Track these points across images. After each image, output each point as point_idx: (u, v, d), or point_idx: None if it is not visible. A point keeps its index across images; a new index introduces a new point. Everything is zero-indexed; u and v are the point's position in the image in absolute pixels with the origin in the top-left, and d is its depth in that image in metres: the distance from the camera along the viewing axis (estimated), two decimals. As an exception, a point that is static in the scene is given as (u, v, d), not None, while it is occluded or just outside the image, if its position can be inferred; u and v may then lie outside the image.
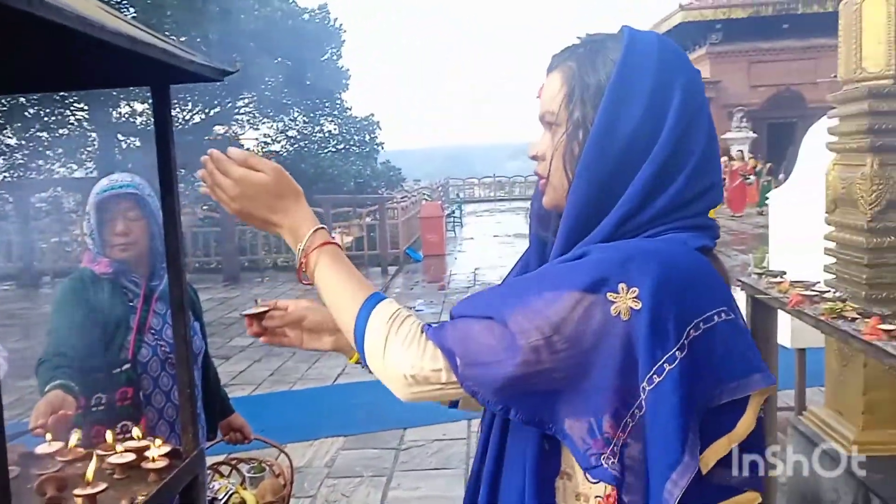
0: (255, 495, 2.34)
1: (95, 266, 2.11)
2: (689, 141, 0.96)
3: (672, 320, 0.85)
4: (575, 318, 0.87)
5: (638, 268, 0.87)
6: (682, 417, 0.84)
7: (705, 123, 0.98)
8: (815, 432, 3.17)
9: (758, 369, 0.90)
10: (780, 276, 2.69)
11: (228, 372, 6.54)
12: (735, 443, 0.89)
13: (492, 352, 0.90)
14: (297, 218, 1.08)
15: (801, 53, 24.54)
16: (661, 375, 0.84)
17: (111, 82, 1.78)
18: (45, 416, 1.64)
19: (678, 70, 0.98)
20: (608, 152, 0.95)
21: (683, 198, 0.95)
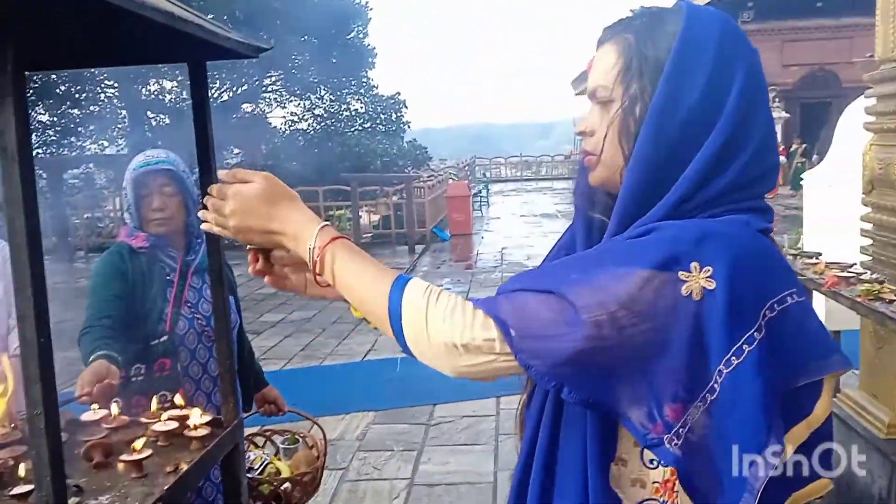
0: (290, 466, 2.38)
1: (133, 240, 2.15)
2: (751, 122, 0.93)
3: (749, 301, 0.83)
4: (644, 295, 0.83)
5: (713, 246, 0.84)
6: (766, 399, 0.81)
7: (765, 105, 0.96)
8: (850, 415, 3.14)
9: (836, 350, 0.88)
10: (816, 258, 2.66)
11: (259, 347, 6.63)
12: (814, 427, 0.87)
13: (551, 325, 0.86)
14: (297, 221, 1.02)
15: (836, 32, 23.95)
16: (739, 357, 0.81)
17: (150, 59, 1.81)
18: (90, 385, 1.68)
19: (740, 48, 0.95)
20: (668, 129, 0.92)
21: (744, 179, 0.92)
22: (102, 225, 15.07)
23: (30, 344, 1.03)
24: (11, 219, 1.00)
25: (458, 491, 3.71)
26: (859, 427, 3.03)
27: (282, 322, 7.75)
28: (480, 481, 3.78)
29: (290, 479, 2.28)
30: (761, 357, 0.82)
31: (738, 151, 0.92)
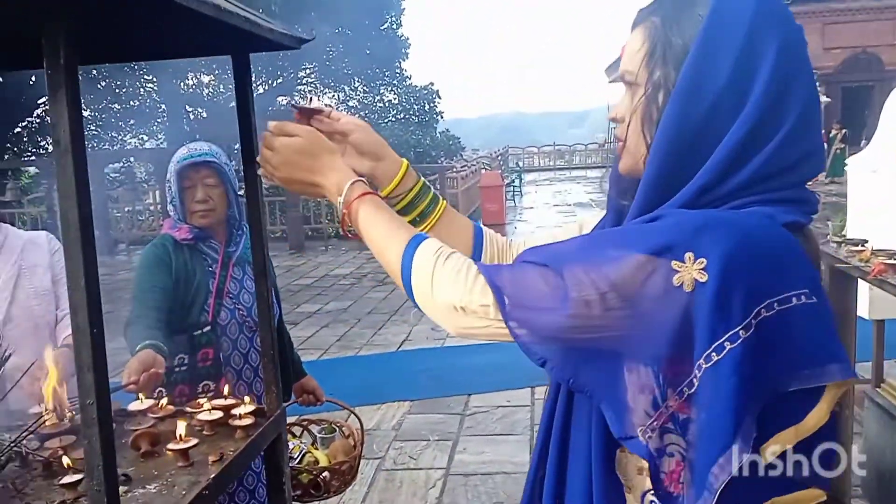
0: (327, 455, 2.41)
1: (176, 232, 2.19)
2: (782, 107, 0.87)
3: (740, 297, 0.79)
4: (635, 280, 0.81)
5: (710, 238, 0.80)
6: (739, 400, 0.78)
7: (803, 88, 0.90)
8: (893, 405, 3.08)
9: (836, 360, 0.82)
10: (862, 245, 2.60)
11: (296, 337, 6.65)
12: (803, 435, 0.82)
13: (542, 298, 0.87)
14: (335, 174, 1.09)
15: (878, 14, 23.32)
16: (720, 354, 0.78)
17: (195, 52, 1.82)
18: (137, 374, 1.72)
19: (774, 28, 0.89)
20: (690, 116, 0.88)
21: (772, 168, 0.88)
22: (143, 218, 15.35)
23: (83, 333, 1.05)
24: (65, 210, 1.02)
25: (494, 481, 3.72)
26: (906, 419, 2.96)
27: (318, 313, 7.82)
28: (516, 471, 3.78)
29: (329, 468, 2.30)
30: (743, 356, 0.78)
31: (764, 140, 0.87)
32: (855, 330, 2.71)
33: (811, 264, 0.87)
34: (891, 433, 3.04)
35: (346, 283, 9.54)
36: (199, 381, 2.15)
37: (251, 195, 1.67)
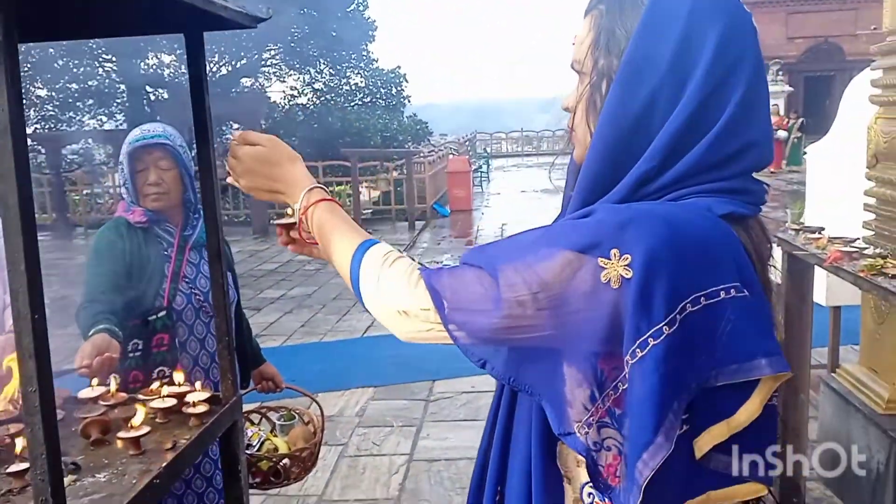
0: (287, 442, 2.39)
1: (130, 215, 2.14)
2: (722, 96, 0.86)
3: (662, 292, 0.78)
4: (563, 278, 0.81)
5: (635, 233, 0.79)
6: (661, 396, 0.78)
7: (744, 77, 0.87)
8: (849, 390, 3.15)
9: (766, 354, 0.81)
10: (819, 233, 2.64)
11: (259, 323, 6.64)
12: (735, 430, 0.82)
13: (478, 300, 0.87)
14: (294, 181, 1.12)
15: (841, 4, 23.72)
16: (644, 350, 0.78)
17: (146, 29, 1.77)
18: (90, 358, 1.68)
19: (716, 15, 0.87)
20: (629, 106, 0.87)
21: (712, 158, 0.86)
22: (102, 201, 15.04)
23: (23, 319, 1.01)
24: (4, 193, 0.98)
25: (457, 466, 3.73)
26: (858, 402, 3.03)
27: (282, 298, 7.75)
28: (480, 456, 3.80)
29: (289, 455, 2.29)
30: (666, 353, 0.78)
31: (703, 130, 0.86)
32: (812, 316, 2.76)
33: (746, 257, 0.86)
34: (845, 417, 3.11)
35: (310, 268, 9.46)
36: (153, 367, 2.10)
37: (205, 177, 1.63)
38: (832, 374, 3.39)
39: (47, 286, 1.05)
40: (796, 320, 2.70)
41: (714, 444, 0.82)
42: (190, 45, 1.57)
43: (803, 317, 2.71)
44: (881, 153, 2.97)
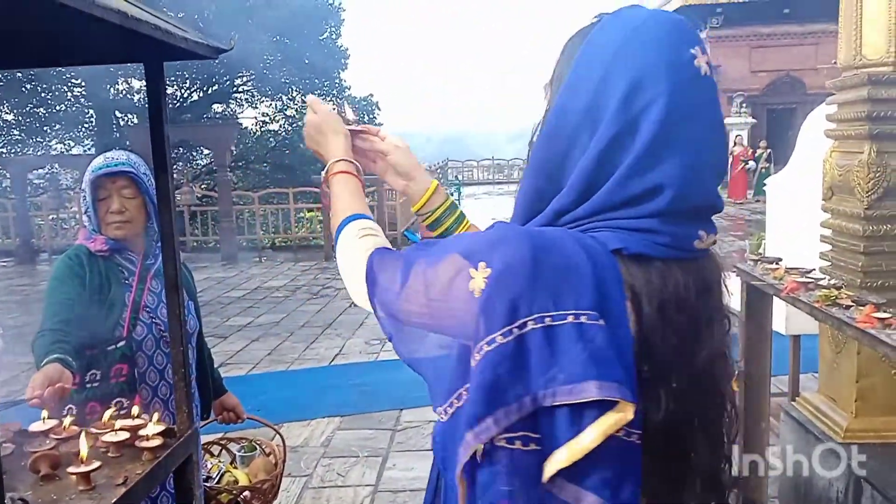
0: (247, 474, 2.35)
1: (91, 243, 2.11)
2: (628, 139, 0.89)
3: (505, 305, 0.84)
4: (447, 279, 0.91)
5: (501, 249, 0.87)
6: (482, 397, 0.84)
7: (653, 122, 0.89)
8: (808, 419, 3.19)
9: (598, 377, 0.82)
10: (776, 263, 2.69)
11: (226, 351, 6.55)
12: (576, 457, 0.82)
13: (392, 283, 0.99)
14: (330, 151, 1.30)
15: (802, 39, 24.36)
16: (480, 353, 0.85)
17: (106, 58, 1.77)
18: (42, 388, 1.64)
19: (630, 61, 0.90)
20: (552, 145, 0.95)
21: (616, 198, 0.90)
22: (67, 227, 14.81)
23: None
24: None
25: (423, 497, 3.68)
26: (816, 430, 3.07)
27: (249, 326, 7.67)
28: (446, 486, 3.77)
29: (250, 488, 2.25)
30: (494, 360, 0.84)
31: (610, 169, 0.90)
32: (771, 344, 2.80)
33: (620, 290, 0.88)
34: (805, 445, 3.14)
35: (279, 295, 9.39)
36: (111, 398, 2.05)
37: (163, 206, 1.62)
38: (792, 403, 3.43)
39: (6, 312, 1.03)
40: (755, 348, 2.74)
41: (558, 468, 0.83)
42: (149, 74, 1.57)
43: (762, 345, 2.75)
44: (836, 186, 3.05)
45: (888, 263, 2.81)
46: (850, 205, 2.93)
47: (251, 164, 18.51)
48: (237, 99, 18.91)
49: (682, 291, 0.92)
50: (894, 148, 2.80)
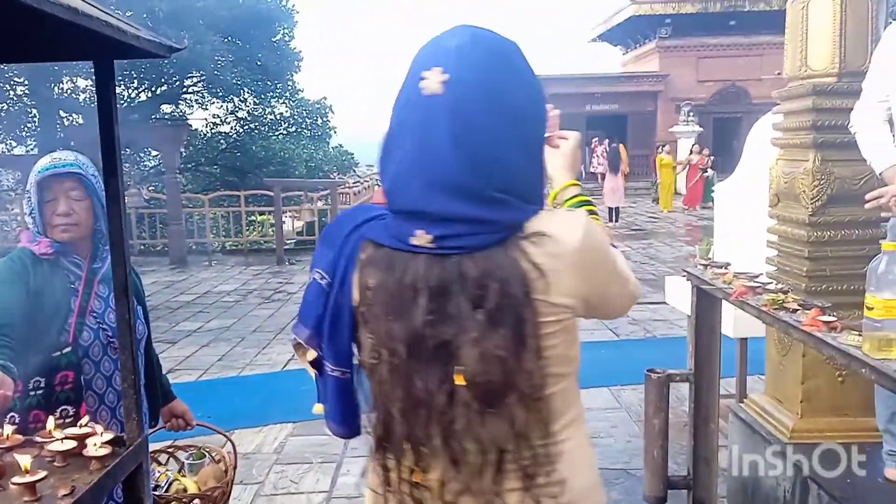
0: (196, 482, 2.31)
1: (35, 246, 2.04)
2: (384, 157, 1.20)
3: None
4: None
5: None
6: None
7: (384, 134, 1.17)
8: (756, 419, 3.26)
9: (299, 321, 1.31)
10: (725, 268, 2.75)
11: (174, 357, 6.42)
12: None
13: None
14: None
15: (747, 50, 25.07)
16: None
17: (53, 55, 1.71)
18: None
19: (413, 70, 1.14)
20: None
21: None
22: (8, 229, 14.33)
23: None
24: None
25: None
26: (764, 431, 3.14)
27: (199, 331, 7.52)
28: (401, 491, 3.75)
29: (200, 496, 2.21)
30: None
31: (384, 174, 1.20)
32: (720, 347, 2.86)
33: (353, 263, 1.18)
34: (753, 446, 3.22)
35: (230, 300, 9.23)
36: (57, 405, 1.99)
37: (112, 208, 1.58)
38: (740, 404, 3.51)
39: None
40: (705, 351, 2.79)
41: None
42: (99, 72, 1.53)
43: (712, 348, 2.81)
44: (782, 193, 3.13)
45: (832, 268, 2.90)
46: (796, 211, 3.01)
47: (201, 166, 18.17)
48: (187, 100, 18.54)
49: (400, 274, 1.12)
50: (838, 156, 2.89)
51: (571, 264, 1.11)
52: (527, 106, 1.13)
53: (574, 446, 1.19)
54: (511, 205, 1.09)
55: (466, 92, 1.07)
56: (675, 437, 2.90)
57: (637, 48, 28.88)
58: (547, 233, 1.10)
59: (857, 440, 2.93)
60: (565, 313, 1.13)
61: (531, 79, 1.15)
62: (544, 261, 1.09)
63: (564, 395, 1.17)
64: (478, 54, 1.09)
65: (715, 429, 2.81)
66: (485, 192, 1.07)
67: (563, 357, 1.15)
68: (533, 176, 1.15)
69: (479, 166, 1.07)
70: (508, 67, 1.12)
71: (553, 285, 1.09)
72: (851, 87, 2.84)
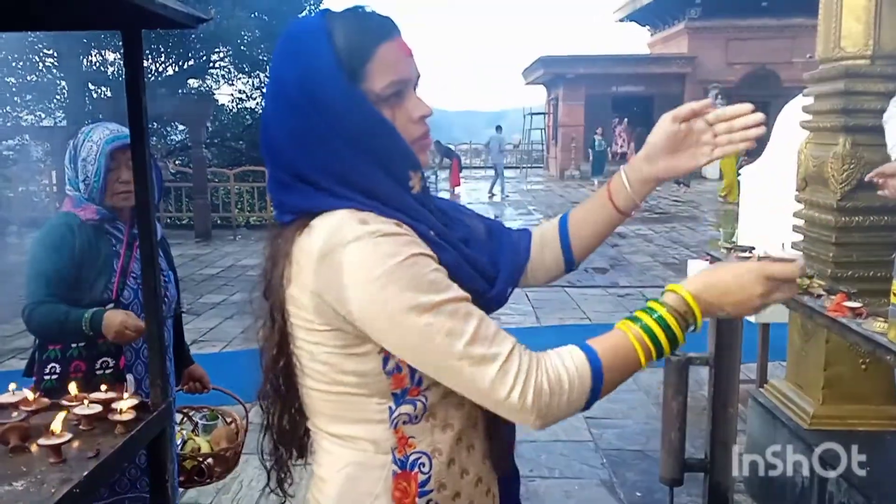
0: (209, 442, 2.41)
1: (81, 212, 2.15)
2: None
3: None
4: None
5: None
6: None
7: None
8: (776, 405, 3.24)
9: None
10: (750, 252, 2.72)
11: (199, 328, 6.50)
12: None
13: None
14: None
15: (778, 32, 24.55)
16: None
17: (82, 24, 1.73)
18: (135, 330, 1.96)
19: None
20: None
21: None
22: (38, 199, 14.53)
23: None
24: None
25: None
26: (784, 417, 3.13)
27: (222, 303, 7.61)
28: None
29: (213, 455, 2.34)
30: None
31: None
32: (742, 332, 2.84)
33: None
34: (772, 431, 3.20)
35: (253, 273, 9.18)
36: (97, 358, 2.12)
37: (140, 178, 1.60)
38: (760, 390, 3.49)
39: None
40: (727, 336, 2.77)
41: None
42: (127, 42, 1.54)
43: (734, 332, 2.78)
44: (810, 177, 3.09)
45: (859, 255, 2.86)
46: (824, 196, 2.97)
47: (227, 141, 18.25)
48: (213, 75, 18.57)
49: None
50: (868, 141, 2.83)
51: (310, 265, 1.04)
52: (301, 92, 1.05)
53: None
54: (296, 190, 1.08)
55: (267, 83, 1.15)
56: (693, 421, 2.89)
57: (665, 29, 28.43)
58: (313, 225, 1.05)
59: (878, 428, 2.90)
60: (309, 315, 1.06)
61: (311, 63, 1.05)
62: (295, 251, 1.07)
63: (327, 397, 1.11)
64: (278, 43, 1.12)
65: (734, 413, 2.80)
66: (275, 174, 1.12)
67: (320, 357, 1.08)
68: (320, 165, 1.06)
69: (265, 151, 1.13)
70: (286, 52, 1.09)
71: (295, 278, 1.07)
72: (885, 70, 2.78)
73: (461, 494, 1.12)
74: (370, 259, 0.98)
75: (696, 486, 3.05)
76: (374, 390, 1.06)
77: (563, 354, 1.02)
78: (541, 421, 0.99)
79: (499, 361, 0.97)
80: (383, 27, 1.08)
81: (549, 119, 29.81)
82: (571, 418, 1.09)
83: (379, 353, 1.04)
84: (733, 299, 1.05)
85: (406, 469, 1.08)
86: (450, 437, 1.10)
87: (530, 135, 32.03)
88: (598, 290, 8.17)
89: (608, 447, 4.00)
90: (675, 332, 1.03)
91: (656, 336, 1.03)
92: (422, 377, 1.06)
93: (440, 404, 1.09)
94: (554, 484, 3.60)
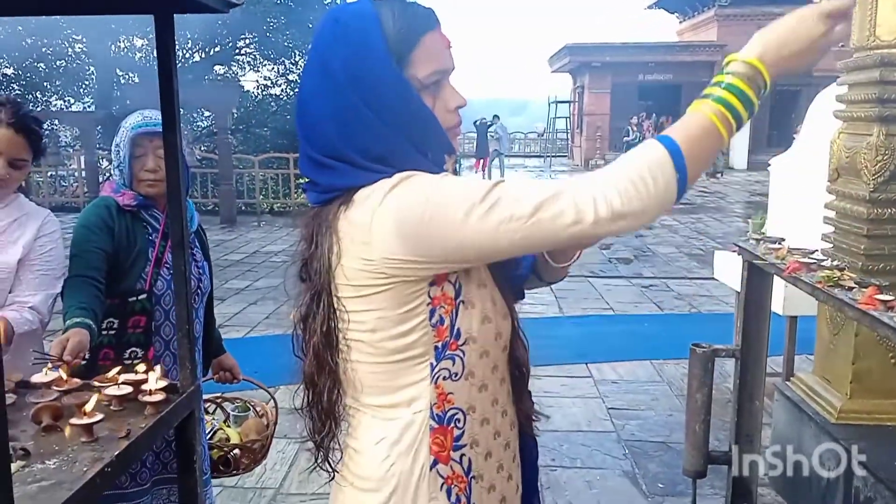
0: (239, 433, 2.40)
1: (119, 197, 2.15)
2: None
3: None
4: None
5: None
6: None
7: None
8: (802, 398, 3.21)
9: None
10: (779, 243, 2.69)
11: (223, 313, 6.56)
12: None
13: None
14: None
15: (811, 20, 24.11)
16: None
17: (114, 8, 1.74)
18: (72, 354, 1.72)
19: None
20: None
21: None
22: (66, 184, 14.75)
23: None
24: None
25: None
26: (811, 410, 3.09)
27: (247, 289, 7.68)
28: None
29: (240, 446, 2.32)
30: None
31: None
32: (769, 324, 2.81)
33: None
34: (798, 424, 3.17)
35: (277, 259, 9.38)
36: (126, 346, 2.12)
37: (171, 164, 1.61)
38: (787, 383, 3.45)
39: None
40: (754, 328, 2.75)
41: None
42: (159, 27, 1.55)
43: (761, 324, 2.76)
44: (842, 168, 3.04)
45: (891, 247, 2.81)
46: (856, 187, 2.92)
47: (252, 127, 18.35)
48: (239, 62, 18.68)
49: None
50: (903, 131, 2.78)
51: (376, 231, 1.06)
52: (347, 73, 1.08)
53: None
54: (333, 169, 1.11)
55: (306, 64, 1.15)
56: (717, 413, 2.87)
57: (695, 16, 28.05)
58: (355, 199, 1.09)
59: (907, 423, 2.87)
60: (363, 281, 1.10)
61: (362, 46, 1.08)
62: (342, 226, 1.10)
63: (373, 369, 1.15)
64: (318, 27, 1.14)
65: (759, 406, 2.78)
66: (310, 155, 1.13)
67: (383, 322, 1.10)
68: (360, 145, 1.09)
69: (302, 131, 1.14)
70: (333, 35, 1.11)
71: (346, 252, 1.10)
72: (922, 59, 2.72)
73: (492, 454, 1.17)
74: (413, 192, 1.04)
75: (719, 479, 3.04)
76: (419, 347, 1.11)
77: (629, 153, 1.02)
78: (635, 219, 0.98)
79: (565, 194, 0.99)
80: (428, 17, 1.13)
81: (574, 108, 29.60)
82: (594, 408, 1.12)
83: (427, 305, 1.09)
84: (796, 49, 1.06)
85: (443, 424, 1.12)
86: (486, 397, 1.15)
87: (555, 123, 31.83)
88: (622, 281, 8.13)
89: (630, 438, 3.98)
90: (749, 95, 1.03)
91: (730, 103, 1.02)
92: (460, 329, 1.11)
93: (478, 365, 1.13)
94: (575, 474, 3.60)
